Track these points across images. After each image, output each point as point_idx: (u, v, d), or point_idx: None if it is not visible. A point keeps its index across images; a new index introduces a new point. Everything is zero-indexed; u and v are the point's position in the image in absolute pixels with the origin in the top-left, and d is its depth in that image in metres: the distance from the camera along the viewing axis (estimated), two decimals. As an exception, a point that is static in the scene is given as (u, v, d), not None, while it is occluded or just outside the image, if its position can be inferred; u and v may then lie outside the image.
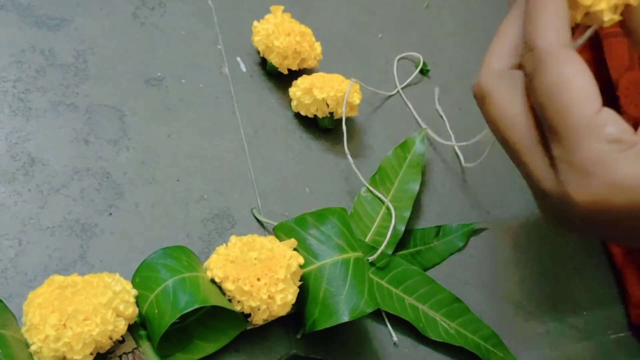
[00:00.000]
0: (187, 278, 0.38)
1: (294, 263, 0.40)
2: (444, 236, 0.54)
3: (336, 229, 0.43)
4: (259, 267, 0.39)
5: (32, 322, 0.34)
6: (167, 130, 0.50)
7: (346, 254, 0.42)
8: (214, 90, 0.54)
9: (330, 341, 0.44)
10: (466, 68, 0.69)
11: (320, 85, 0.52)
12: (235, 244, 0.41)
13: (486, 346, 0.47)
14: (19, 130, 0.45)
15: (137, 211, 0.45)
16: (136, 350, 0.38)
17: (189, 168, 0.49)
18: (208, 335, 0.40)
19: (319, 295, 0.41)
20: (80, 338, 0.33)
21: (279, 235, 0.44)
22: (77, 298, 0.34)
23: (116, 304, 0.35)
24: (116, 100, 0.50)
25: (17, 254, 0.40)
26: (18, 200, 0.42)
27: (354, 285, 0.41)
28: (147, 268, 0.39)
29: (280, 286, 0.38)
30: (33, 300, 0.35)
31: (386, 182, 0.53)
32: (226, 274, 0.39)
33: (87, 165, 0.45)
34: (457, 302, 0.48)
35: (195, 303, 0.36)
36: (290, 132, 0.55)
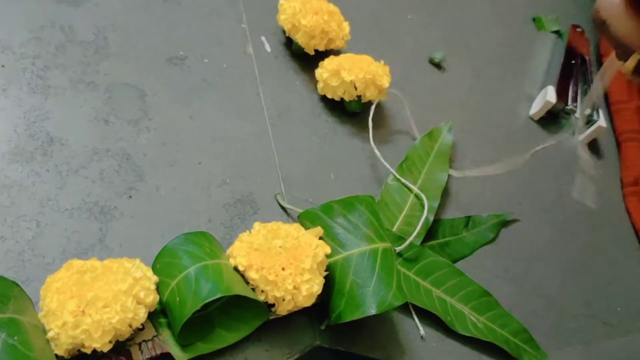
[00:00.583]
0: (209, 265, 0.36)
1: (320, 252, 0.38)
2: (473, 227, 0.52)
3: (364, 218, 0.41)
4: (284, 256, 0.37)
5: (49, 307, 0.32)
6: (189, 112, 0.48)
7: (374, 244, 0.40)
8: (237, 70, 0.52)
9: (355, 333, 0.42)
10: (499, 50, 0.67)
11: (348, 67, 0.50)
12: (259, 231, 0.39)
13: (515, 341, 0.45)
14: (38, 109, 0.44)
15: (157, 194, 0.43)
16: (156, 338, 0.37)
17: (211, 151, 0.47)
18: (230, 325, 0.38)
19: (345, 286, 0.39)
20: (99, 326, 0.32)
21: (304, 223, 0.42)
22: (97, 284, 0.33)
23: (136, 291, 0.34)
24: (137, 79, 0.48)
25: (35, 236, 0.38)
26: (36, 180, 0.41)
27: (382, 277, 0.39)
28: (168, 254, 0.38)
29: (306, 276, 0.37)
30: (51, 285, 0.33)
31: (413, 171, 0.51)
32: (250, 263, 0.37)
33: (106, 146, 0.44)
34: (486, 296, 0.46)
35: (217, 292, 0.35)
36: (315, 115, 0.53)
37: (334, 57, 0.52)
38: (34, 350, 0.31)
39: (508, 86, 0.66)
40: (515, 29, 0.73)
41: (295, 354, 0.40)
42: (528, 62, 0.70)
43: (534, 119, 0.65)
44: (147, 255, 0.38)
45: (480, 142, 0.59)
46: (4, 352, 0.30)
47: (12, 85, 0.44)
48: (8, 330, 0.31)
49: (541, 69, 0.70)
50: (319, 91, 0.53)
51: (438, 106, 0.59)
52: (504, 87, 0.66)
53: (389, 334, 0.43)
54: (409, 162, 0.52)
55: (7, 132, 0.42)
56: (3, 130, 0.42)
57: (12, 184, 0.40)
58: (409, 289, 0.45)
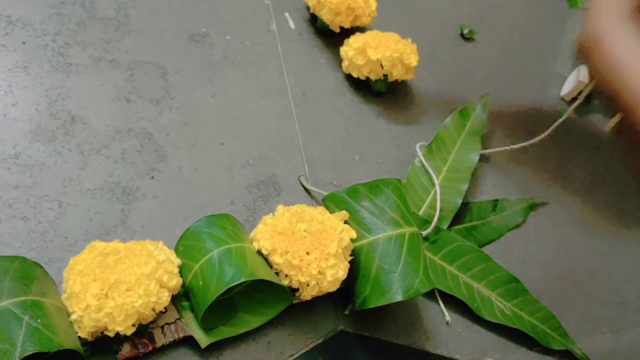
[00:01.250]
0: (233, 249, 0.36)
1: (345, 237, 0.37)
2: (501, 210, 0.50)
3: (391, 202, 0.40)
4: (308, 241, 0.36)
5: (72, 290, 0.32)
6: (211, 90, 0.47)
7: (401, 229, 0.39)
8: (260, 48, 0.51)
9: (380, 318, 0.41)
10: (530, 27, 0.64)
11: (375, 45, 0.48)
12: (283, 215, 0.38)
13: (544, 329, 0.44)
14: (59, 87, 0.43)
15: (180, 175, 0.43)
16: (179, 321, 0.36)
17: (233, 131, 0.46)
18: (253, 309, 0.38)
19: (371, 271, 0.38)
20: (122, 309, 0.31)
21: (329, 206, 0.41)
22: (120, 267, 0.33)
23: (160, 274, 0.34)
24: (159, 57, 0.47)
25: (57, 217, 0.38)
26: (58, 160, 0.40)
27: (408, 263, 0.38)
28: (191, 236, 0.37)
29: (331, 261, 0.36)
30: (74, 267, 0.33)
31: (443, 151, 0.50)
32: (274, 247, 0.36)
33: (128, 125, 0.43)
34: (514, 282, 0.45)
35: (241, 276, 0.34)
36: (340, 95, 0.52)
37: (359, 35, 0.50)
38: (57, 333, 0.31)
39: (539, 65, 0.64)
40: (546, 5, 0.70)
41: (318, 338, 0.39)
42: (560, 41, 0.68)
43: (565, 100, 0.63)
44: (170, 237, 0.38)
45: (509, 123, 0.57)
46: (28, 335, 0.29)
47: (33, 63, 0.43)
48: (32, 312, 0.31)
49: (573, 47, 0.68)
50: (344, 70, 0.51)
51: (466, 85, 0.57)
52: (534, 66, 0.63)
53: (414, 320, 0.42)
54: (438, 142, 0.50)
55: (29, 111, 0.41)
56: (25, 108, 0.41)
57: (34, 164, 0.39)
58: (434, 274, 0.43)
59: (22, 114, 0.41)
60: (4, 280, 0.31)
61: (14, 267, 0.32)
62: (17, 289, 0.31)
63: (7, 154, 0.39)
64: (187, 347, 0.36)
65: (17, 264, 0.32)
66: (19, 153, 0.39)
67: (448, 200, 0.47)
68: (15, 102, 0.41)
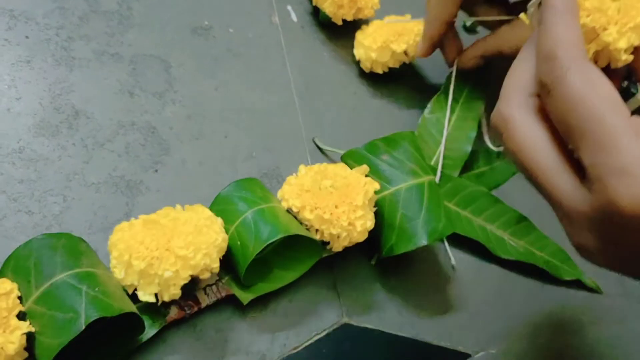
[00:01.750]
0: (265, 209, 0.37)
1: (370, 189, 0.39)
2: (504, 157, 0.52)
3: (408, 153, 0.42)
4: (336, 195, 0.38)
5: (149, 250, 0.33)
6: (214, 83, 0.47)
7: (420, 178, 0.41)
8: (263, 40, 0.51)
9: (383, 310, 0.41)
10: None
11: (394, 38, 0.48)
12: (306, 174, 0.40)
13: (554, 262, 0.47)
14: (63, 81, 0.43)
15: (183, 168, 0.43)
16: (219, 282, 0.38)
17: (237, 124, 0.46)
18: (286, 265, 0.39)
19: (395, 220, 0.40)
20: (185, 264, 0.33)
21: (348, 163, 0.42)
22: (181, 228, 0.34)
23: (214, 236, 0.35)
24: (162, 51, 0.47)
25: (62, 211, 0.38)
26: (62, 154, 0.40)
27: (430, 209, 0.40)
28: (222, 201, 0.38)
29: (359, 213, 0.38)
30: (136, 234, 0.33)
31: (451, 102, 0.51)
32: (303, 204, 0.38)
33: (132, 119, 0.43)
34: (524, 221, 0.47)
35: (278, 233, 0.36)
36: (343, 86, 0.52)
37: (368, 32, 0.50)
38: (115, 299, 0.31)
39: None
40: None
41: (322, 331, 0.39)
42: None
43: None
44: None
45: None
46: (89, 303, 0.30)
47: (37, 57, 0.43)
48: (88, 282, 0.31)
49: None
50: (365, 69, 0.52)
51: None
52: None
53: (417, 312, 0.42)
54: (446, 92, 0.51)
55: (32, 105, 0.41)
56: (28, 103, 0.41)
57: (39, 158, 0.40)
58: (450, 220, 0.45)
59: (25, 108, 0.41)
60: (54, 255, 0.32)
61: (61, 243, 0.33)
62: (70, 263, 0.32)
63: (12, 149, 0.39)
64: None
65: (64, 239, 0.33)
66: (23, 147, 0.40)
67: (458, 149, 0.49)
68: (19, 97, 0.41)
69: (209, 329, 0.37)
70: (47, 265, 0.31)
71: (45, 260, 0.32)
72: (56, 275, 0.31)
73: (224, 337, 0.37)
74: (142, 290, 0.33)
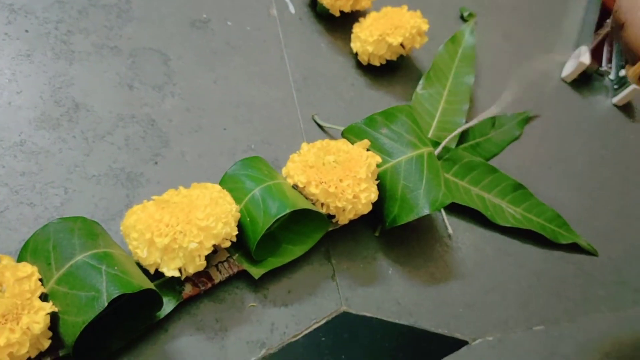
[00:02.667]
0: (272, 185, 0.38)
1: (372, 162, 0.40)
2: (499, 126, 0.54)
3: (406, 126, 0.43)
4: (339, 169, 0.39)
5: (170, 225, 0.34)
6: (213, 76, 0.48)
7: (419, 150, 0.42)
8: (261, 33, 0.51)
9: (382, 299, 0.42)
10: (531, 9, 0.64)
11: (390, 31, 0.49)
12: (309, 150, 0.40)
13: (551, 227, 0.49)
14: (63, 75, 0.43)
15: (183, 160, 0.43)
16: (230, 258, 0.39)
17: (235, 116, 0.47)
18: (294, 239, 0.40)
19: (397, 192, 0.41)
20: (212, 236, 0.34)
21: (349, 138, 0.43)
22: (198, 202, 0.35)
23: (228, 209, 0.36)
24: (161, 44, 0.48)
25: (63, 203, 0.39)
26: (63, 147, 0.41)
27: (430, 179, 0.41)
28: (230, 180, 0.39)
29: (363, 185, 0.39)
30: (155, 212, 0.34)
31: (441, 78, 0.53)
32: (309, 179, 0.39)
33: (131, 112, 0.44)
34: (521, 189, 0.49)
35: (286, 208, 0.37)
36: (341, 79, 0.52)
37: (365, 24, 0.50)
38: (134, 277, 0.32)
39: (540, 47, 0.64)
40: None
41: (321, 319, 0.40)
42: (561, 22, 0.68)
43: (566, 81, 0.63)
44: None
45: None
46: (110, 281, 0.31)
47: (37, 51, 0.44)
48: (106, 262, 0.32)
49: (574, 29, 0.68)
50: (363, 62, 0.52)
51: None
52: (535, 48, 0.63)
53: (415, 301, 0.43)
54: (436, 70, 0.53)
55: (33, 99, 0.42)
56: (29, 96, 0.42)
57: (40, 151, 0.40)
58: (449, 190, 0.46)
59: (26, 101, 0.41)
60: (72, 238, 0.33)
61: (77, 226, 0.34)
62: (87, 244, 0.33)
63: (13, 142, 0.40)
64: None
65: (80, 222, 0.34)
66: (25, 140, 0.40)
67: (452, 121, 0.50)
68: (19, 90, 0.42)
69: (210, 319, 0.38)
70: (66, 247, 0.32)
71: (64, 243, 0.33)
72: (75, 256, 0.32)
73: (224, 327, 0.37)
74: (165, 267, 0.34)
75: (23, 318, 0.30)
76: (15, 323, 0.29)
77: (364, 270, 0.43)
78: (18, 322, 0.29)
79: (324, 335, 0.39)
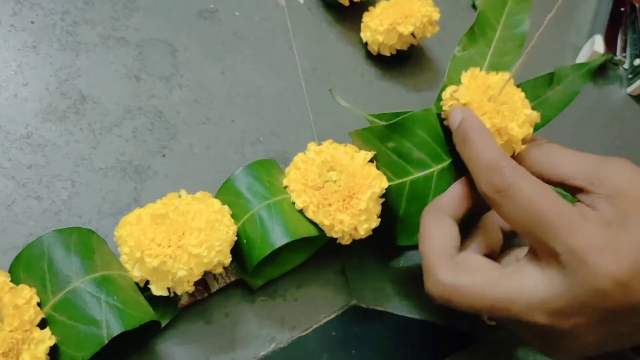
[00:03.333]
0: (272, 205, 0.36)
1: (377, 187, 0.37)
2: (559, 82, 0.43)
3: (418, 139, 0.38)
4: (339, 195, 0.36)
5: (161, 247, 0.32)
6: (220, 67, 0.47)
7: (428, 169, 0.38)
8: (269, 23, 0.51)
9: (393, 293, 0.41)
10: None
11: (401, 20, 0.48)
12: (314, 161, 0.38)
13: None
14: (69, 66, 0.43)
15: (191, 153, 0.43)
16: (227, 268, 0.37)
17: (244, 108, 0.46)
18: (294, 247, 0.39)
19: (399, 212, 0.38)
20: (201, 263, 0.33)
21: (355, 141, 0.40)
22: (191, 223, 0.33)
23: (225, 230, 0.34)
24: (168, 35, 0.47)
25: (71, 196, 0.38)
26: (70, 140, 0.40)
27: None
28: (230, 192, 0.37)
29: (363, 217, 0.36)
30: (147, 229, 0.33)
31: (487, 30, 0.42)
32: (306, 203, 0.37)
33: (139, 103, 0.43)
34: None
35: (285, 237, 0.35)
36: (351, 69, 0.51)
37: (375, 13, 0.49)
38: (134, 307, 0.31)
39: (552, 36, 0.63)
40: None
41: (331, 313, 0.39)
42: (574, 10, 0.67)
43: (579, 71, 0.62)
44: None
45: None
46: (110, 314, 0.30)
47: (43, 42, 0.43)
48: (106, 289, 0.31)
49: (588, 17, 0.66)
50: (373, 52, 0.51)
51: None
52: (548, 37, 0.62)
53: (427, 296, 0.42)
54: (481, 20, 0.42)
55: (39, 91, 0.41)
56: (35, 88, 0.41)
57: (46, 143, 0.40)
58: None
59: (32, 93, 0.41)
60: (68, 255, 0.31)
61: (73, 240, 0.32)
62: (85, 265, 0.31)
63: (20, 134, 0.39)
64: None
65: (75, 236, 0.33)
66: (31, 133, 0.40)
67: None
68: (25, 82, 0.41)
69: (219, 314, 0.37)
70: (62, 267, 0.31)
71: (60, 262, 0.31)
72: (73, 281, 0.31)
73: (234, 321, 0.37)
74: (154, 285, 0.33)
75: (23, 354, 0.28)
76: (16, 359, 0.28)
77: (374, 263, 0.42)
78: (18, 358, 0.28)
79: (335, 330, 0.39)
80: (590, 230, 0.29)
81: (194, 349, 0.36)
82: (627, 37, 0.63)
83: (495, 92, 0.38)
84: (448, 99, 0.39)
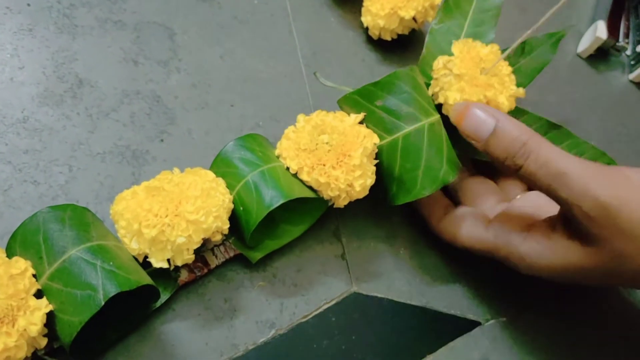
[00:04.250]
0: (265, 171, 0.36)
1: (369, 144, 0.37)
2: (530, 52, 0.45)
3: (405, 95, 0.38)
4: (332, 154, 0.36)
5: (158, 216, 0.32)
6: (219, 51, 0.47)
7: (419, 122, 0.38)
8: (269, 7, 0.50)
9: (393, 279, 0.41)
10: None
11: (402, 4, 0.47)
12: (304, 128, 0.38)
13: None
14: (66, 50, 0.42)
15: (190, 138, 0.42)
16: (226, 242, 0.37)
17: (243, 92, 0.45)
18: (293, 218, 0.39)
19: (394, 170, 0.38)
20: (201, 230, 0.33)
21: (344, 108, 0.40)
22: (188, 192, 0.33)
23: (222, 198, 0.34)
24: (165, 18, 0.46)
25: (68, 181, 0.38)
26: (67, 124, 0.40)
27: (430, 156, 0.38)
28: (222, 163, 0.37)
29: (357, 172, 0.36)
30: (144, 201, 0.33)
31: (462, 3, 0.44)
32: (300, 165, 0.37)
33: (136, 87, 0.43)
34: (556, 128, 0.44)
35: (280, 198, 0.35)
36: (351, 54, 0.50)
37: None
38: (130, 272, 0.31)
39: (554, 21, 0.62)
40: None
41: (331, 300, 0.39)
42: (577, -5, 0.66)
43: (582, 57, 0.61)
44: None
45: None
46: (105, 278, 0.30)
47: (39, 25, 0.43)
48: (101, 256, 0.31)
49: (590, 2, 0.66)
50: (373, 37, 0.50)
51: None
52: (549, 22, 0.61)
53: (427, 281, 0.42)
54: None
55: (35, 74, 0.41)
56: (32, 72, 0.41)
57: (43, 128, 0.39)
58: (452, 165, 0.41)
59: (29, 77, 0.40)
60: (63, 229, 0.31)
61: (67, 215, 0.32)
62: (80, 236, 0.31)
63: (16, 119, 0.39)
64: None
65: (70, 211, 0.33)
66: (28, 117, 0.39)
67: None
68: (21, 66, 0.41)
69: (218, 298, 0.37)
70: (57, 239, 0.31)
71: (55, 235, 0.31)
72: (68, 250, 0.31)
73: (233, 306, 0.37)
74: (154, 257, 0.33)
75: (19, 320, 0.28)
76: (11, 326, 0.28)
77: (374, 249, 0.42)
78: (14, 324, 0.28)
79: (334, 316, 0.39)
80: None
81: (192, 335, 0.35)
82: (630, 23, 0.62)
83: (487, 65, 0.39)
84: (440, 68, 0.39)
